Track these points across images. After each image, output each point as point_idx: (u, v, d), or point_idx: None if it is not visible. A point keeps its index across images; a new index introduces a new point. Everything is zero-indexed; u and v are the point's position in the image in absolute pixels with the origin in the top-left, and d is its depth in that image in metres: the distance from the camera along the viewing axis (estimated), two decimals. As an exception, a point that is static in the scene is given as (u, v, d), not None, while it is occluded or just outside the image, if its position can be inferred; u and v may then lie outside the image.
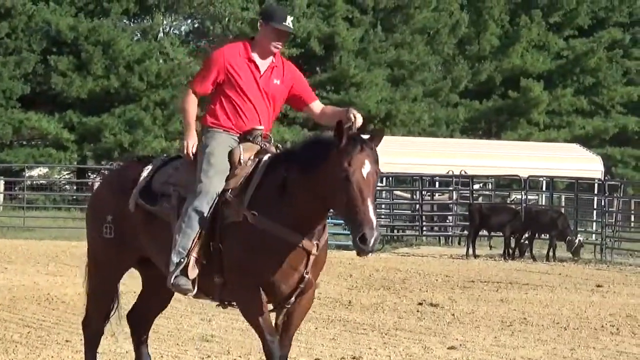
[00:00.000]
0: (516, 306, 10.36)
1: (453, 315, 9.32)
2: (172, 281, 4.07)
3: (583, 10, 28.25)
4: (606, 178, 22.69)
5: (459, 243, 19.14)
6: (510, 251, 16.97)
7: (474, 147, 25.43)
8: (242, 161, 4.10)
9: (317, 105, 4.30)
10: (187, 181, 4.15)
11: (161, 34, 26.99)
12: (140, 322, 4.59)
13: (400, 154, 21.95)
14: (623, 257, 17.58)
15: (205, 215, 4.00)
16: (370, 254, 3.73)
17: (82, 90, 24.17)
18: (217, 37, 25.09)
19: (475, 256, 16.69)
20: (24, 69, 24.70)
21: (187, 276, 4.04)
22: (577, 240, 16.82)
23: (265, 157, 4.10)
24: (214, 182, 4.06)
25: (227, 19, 25.20)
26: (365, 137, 3.77)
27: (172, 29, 28.34)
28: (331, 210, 3.93)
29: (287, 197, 3.91)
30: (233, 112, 4.15)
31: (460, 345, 6.98)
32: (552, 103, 28.05)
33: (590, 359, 6.71)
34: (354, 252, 4.00)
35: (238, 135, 4.15)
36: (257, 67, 4.13)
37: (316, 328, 7.75)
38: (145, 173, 4.32)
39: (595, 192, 19.62)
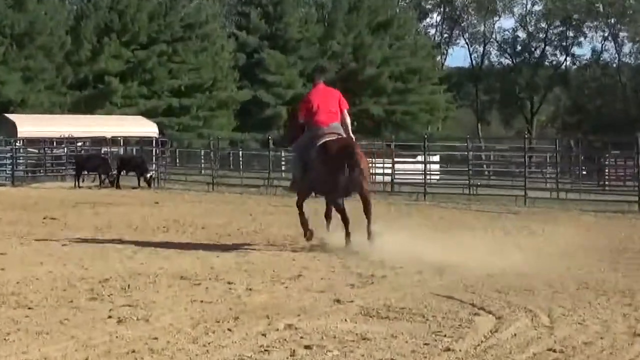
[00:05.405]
0: (105, 217, 21.10)
1: (65, 224, 19.40)
2: None
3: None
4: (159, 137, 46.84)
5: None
6: (103, 184, 35.93)
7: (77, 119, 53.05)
8: None
9: None
10: None
11: None
12: (327, 214, 14.92)
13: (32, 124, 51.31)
14: (171, 185, 37.59)
15: None
16: None
17: None
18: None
19: (79, 187, 35.54)
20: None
21: None
22: (149, 175, 35.92)
23: None
24: None
25: None
26: None
27: None
28: None
29: None
30: None
31: (70, 243, 14.94)
32: (125, 91, 60.40)
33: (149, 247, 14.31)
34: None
35: None
36: None
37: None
38: None
39: (153, 145, 43.14)
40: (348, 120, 15.03)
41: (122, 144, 45.93)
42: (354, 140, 15.07)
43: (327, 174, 14.26)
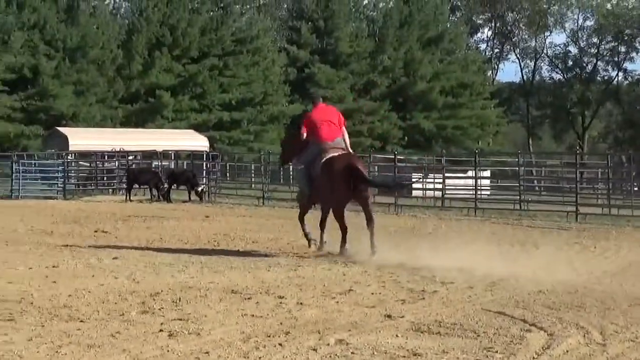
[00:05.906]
0: (156, 231, 21.26)
1: (116, 237, 19.50)
2: None
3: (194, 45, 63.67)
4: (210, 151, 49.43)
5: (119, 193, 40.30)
6: (154, 197, 36.18)
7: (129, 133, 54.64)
8: None
9: None
10: None
11: None
12: (322, 225, 16.37)
13: (84, 138, 51.91)
14: (221, 198, 37.48)
15: None
16: None
17: None
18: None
19: (130, 201, 35.87)
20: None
21: None
22: (200, 189, 36.30)
23: None
24: None
25: None
26: None
27: None
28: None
29: None
30: None
31: (121, 256, 15.00)
32: (176, 105, 61.30)
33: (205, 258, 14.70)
34: (50, 201, 35.69)
35: None
36: None
37: (29, 249, 16.47)
38: None
39: (204, 159, 43.80)
40: (347, 136, 16.53)
41: (173, 157, 46.06)
42: (356, 155, 17.33)
43: (333, 189, 15.60)
